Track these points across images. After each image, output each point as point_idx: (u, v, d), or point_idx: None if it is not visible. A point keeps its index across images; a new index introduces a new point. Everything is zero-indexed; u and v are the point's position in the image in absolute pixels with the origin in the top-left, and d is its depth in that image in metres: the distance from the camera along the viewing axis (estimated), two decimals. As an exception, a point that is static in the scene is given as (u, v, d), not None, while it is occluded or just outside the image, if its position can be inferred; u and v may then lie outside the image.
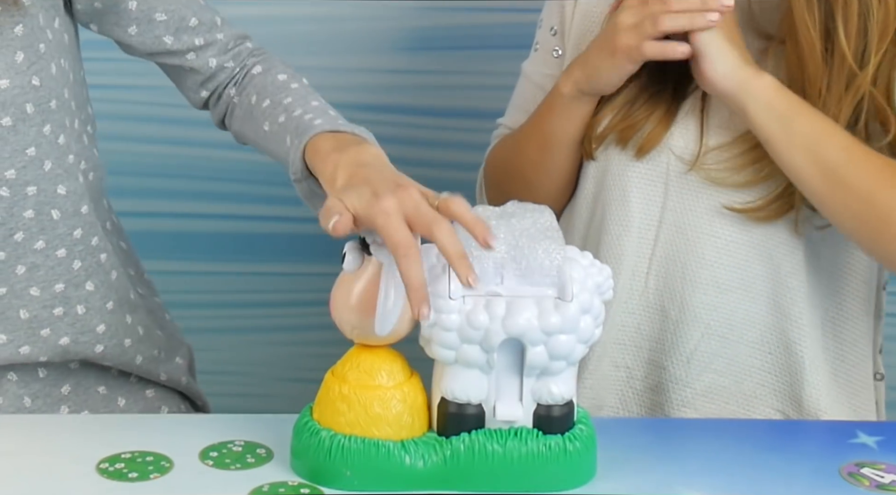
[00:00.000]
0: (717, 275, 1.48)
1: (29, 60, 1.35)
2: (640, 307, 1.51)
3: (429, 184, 2.03)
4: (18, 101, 1.35)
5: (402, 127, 1.98)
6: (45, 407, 1.44)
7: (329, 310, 1.22)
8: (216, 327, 1.64)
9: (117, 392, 1.50)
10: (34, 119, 1.36)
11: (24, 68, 1.35)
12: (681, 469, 1.27)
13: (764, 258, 1.48)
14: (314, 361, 1.40)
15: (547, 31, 1.59)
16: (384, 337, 1.20)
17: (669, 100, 1.49)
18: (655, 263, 1.50)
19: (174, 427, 1.33)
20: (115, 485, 1.22)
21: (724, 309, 1.48)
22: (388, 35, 1.95)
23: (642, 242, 1.50)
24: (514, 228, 1.21)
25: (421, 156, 1.98)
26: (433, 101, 1.97)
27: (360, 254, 1.21)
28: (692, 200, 1.49)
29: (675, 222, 1.49)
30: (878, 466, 1.29)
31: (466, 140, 1.98)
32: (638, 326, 1.51)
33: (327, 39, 1.93)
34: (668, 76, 1.48)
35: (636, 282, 1.50)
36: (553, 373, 1.21)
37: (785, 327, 1.49)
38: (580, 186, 1.55)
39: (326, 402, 1.22)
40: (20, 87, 1.35)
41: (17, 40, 1.34)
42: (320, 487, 1.22)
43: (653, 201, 1.50)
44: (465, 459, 1.21)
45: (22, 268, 1.39)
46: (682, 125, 1.49)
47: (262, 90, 1.44)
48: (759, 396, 1.50)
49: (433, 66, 1.95)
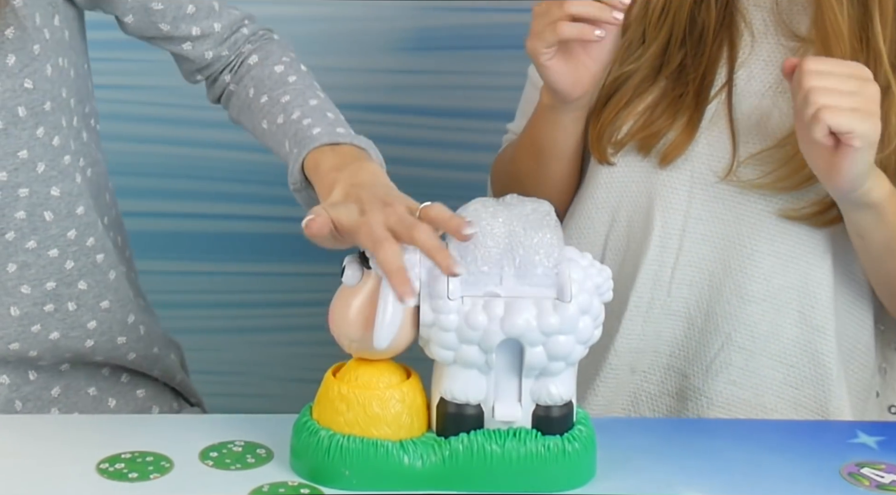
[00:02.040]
0: (741, 285, 1.46)
1: (21, 63, 1.35)
2: (662, 315, 1.48)
3: (429, 184, 2.04)
4: (9, 104, 1.35)
5: (402, 127, 1.98)
6: (35, 410, 1.44)
7: (328, 319, 1.22)
8: (215, 327, 1.64)
9: (108, 393, 1.49)
10: (26, 122, 1.36)
11: (16, 71, 1.35)
12: (681, 469, 1.27)
13: (791, 268, 1.46)
14: (314, 361, 1.40)
15: None
16: (383, 350, 1.20)
17: (692, 105, 1.46)
18: (679, 272, 1.47)
19: (174, 427, 1.33)
20: (115, 485, 1.22)
21: (747, 319, 1.46)
22: (388, 35, 1.95)
23: (665, 251, 1.47)
24: (512, 214, 1.21)
25: (421, 156, 1.98)
26: (433, 101, 1.97)
27: (359, 268, 1.21)
28: (719, 209, 1.46)
29: (699, 231, 1.47)
30: (878, 466, 1.29)
31: (466, 140, 1.98)
32: (658, 333, 1.49)
33: (327, 39, 1.93)
34: (689, 79, 1.46)
35: (658, 292, 1.48)
36: (552, 374, 1.21)
37: (812, 339, 1.46)
38: (590, 193, 1.52)
39: (326, 402, 1.22)
40: (11, 91, 1.35)
41: (7, 43, 1.34)
42: (320, 487, 1.22)
43: (676, 209, 1.47)
44: (464, 459, 1.21)
45: (13, 267, 1.39)
46: (708, 132, 1.47)
47: (260, 84, 1.44)
48: (779, 409, 1.48)
49: (433, 66, 1.95)
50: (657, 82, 1.46)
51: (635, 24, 1.47)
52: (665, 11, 1.46)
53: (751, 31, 1.46)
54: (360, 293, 1.21)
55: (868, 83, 1.34)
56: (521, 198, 1.25)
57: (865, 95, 1.33)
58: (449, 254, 1.18)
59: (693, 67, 1.44)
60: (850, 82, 1.33)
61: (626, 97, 1.47)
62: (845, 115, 1.32)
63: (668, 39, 1.46)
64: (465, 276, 1.19)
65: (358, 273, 1.21)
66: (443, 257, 1.18)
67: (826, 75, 1.33)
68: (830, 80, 1.33)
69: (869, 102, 1.33)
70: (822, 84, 1.33)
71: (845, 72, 1.34)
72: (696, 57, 1.46)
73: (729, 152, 1.46)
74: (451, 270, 1.18)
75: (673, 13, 1.45)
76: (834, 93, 1.32)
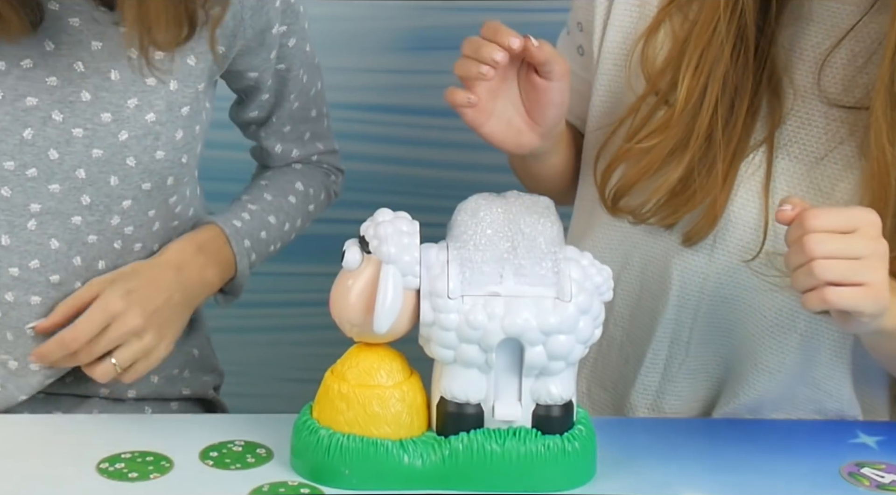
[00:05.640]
0: (756, 355, 1.40)
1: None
2: (680, 374, 1.45)
3: (429, 185, 2.04)
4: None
5: (402, 127, 1.97)
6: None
7: (329, 309, 1.22)
8: (215, 327, 1.64)
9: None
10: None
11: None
12: (681, 469, 1.27)
13: (807, 345, 1.40)
14: (314, 361, 1.39)
15: (575, 22, 1.50)
16: (383, 334, 1.20)
17: (721, 182, 1.35)
18: (697, 332, 1.43)
19: (174, 427, 1.33)
20: (115, 485, 1.22)
21: (759, 387, 1.41)
22: (388, 35, 1.95)
23: (682, 311, 1.42)
24: (511, 205, 1.22)
25: (421, 156, 1.98)
26: (433, 101, 1.96)
27: (359, 253, 1.21)
28: (738, 276, 1.39)
29: (718, 293, 1.40)
30: (878, 466, 1.29)
31: (466, 140, 1.97)
32: (679, 392, 1.46)
33: (327, 39, 1.92)
34: (717, 153, 1.35)
35: (677, 350, 1.44)
36: (552, 374, 1.21)
37: (823, 399, 1.42)
38: (601, 233, 1.46)
39: (326, 401, 1.22)
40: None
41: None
42: (319, 486, 1.22)
43: (695, 272, 1.41)
44: (464, 459, 1.21)
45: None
46: (735, 217, 1.38)
47: (273, 179, 1.58)
48: None
49: (433, 66, 1.95)
50: (684, 155, 1.35)
51: (657, 80, 1.38)
52: (699, 70, 1.34)
53: (794, 90, 1.36)
54: (360, 277, 1.21)
55: (875, 242, 1.19)
56: (521, 193, 1.25)
57: (873, 260, 1.19)
58: None
59: (725, 139, 1.34)
60: (856, 244, 1.18)
61: (650, 171, 1.37)
62: (852, 294, 1.18)
63: (700, 104, 1.35)
64: (465, 275, 1.19)
65: (358, 257, 1.21)
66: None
67: (829, 239, 1.18)
68: (835, 244, 1.18)
69: (877, 269, 1.19)
70: (826, 250, 1.17)
71: (850, 226, 1.19)
72: (729, 124, 1.35)
73: (760, 231, 1.37)
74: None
75: (708, 72, 1.34)
76: (840, 264, 1.17)
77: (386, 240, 1.20)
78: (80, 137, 1.37)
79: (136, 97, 1.38)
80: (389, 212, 1.23)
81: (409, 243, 1.20)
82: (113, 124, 1.38)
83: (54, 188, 1.38)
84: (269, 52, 1.48)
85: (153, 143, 1.40)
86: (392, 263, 1.19)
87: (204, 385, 1.57)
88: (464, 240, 1.21)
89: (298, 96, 1.55)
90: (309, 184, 1.58)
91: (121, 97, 1.38)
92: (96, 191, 1.39)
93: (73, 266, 1.39)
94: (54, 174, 1.37)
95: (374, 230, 1.21)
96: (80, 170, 1.38)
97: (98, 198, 1.39)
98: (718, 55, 1.33)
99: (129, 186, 1.40)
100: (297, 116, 1.57)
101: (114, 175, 1.39)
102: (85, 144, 1.37)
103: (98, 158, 1.38)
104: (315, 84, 1.57)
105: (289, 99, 1.54)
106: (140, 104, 1.39)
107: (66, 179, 1.38)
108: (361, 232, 1.22)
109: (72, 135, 1.37)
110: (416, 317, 1.21)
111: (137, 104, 1.39)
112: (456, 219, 1.23)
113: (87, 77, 1.37)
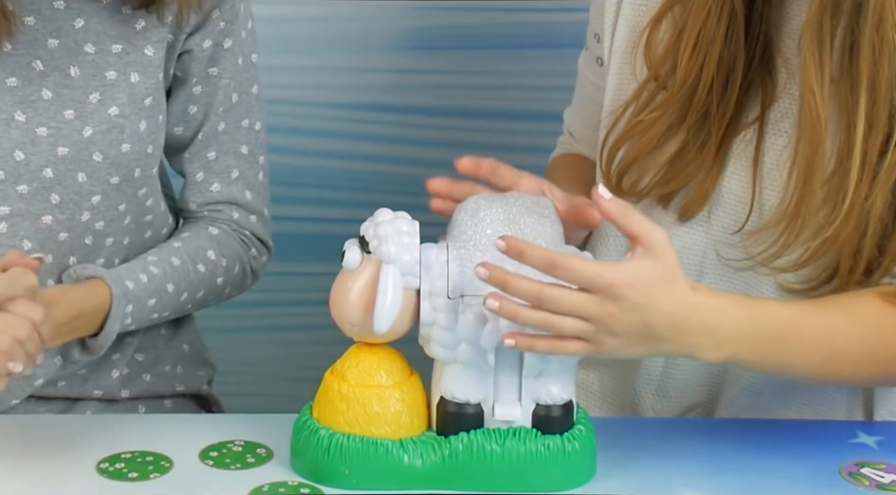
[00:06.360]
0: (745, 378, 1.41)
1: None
2: (687, 375, 1.45)
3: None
4: None
5: (402, 127, 1.97)
6: None
7: (328, 309, 1.22)
8: (216, 327, 1.64)
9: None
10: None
11: None
12: (681, 469, 1.27)
13: None
14: (314, 361, 1.39)
15: (592, 35, 1.51)
16: (383, 334, 1.20)
17: (714, 155, 1.38)
18: None
19: (174, 427, 1.33)
20: (115, 485, 1.22)
21: (756, 409, 1.42)
22: (388, 35, 1.95)
23: None
24: (511, 205, 1.22)
25: (421, 156, 1.98)
26: (433, 101, 1.97)
27: (359, 252, 1.21)
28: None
29: (716, 271, 1.40)
30: (878, 466, 1.29)
31: (467, 140, 1.98)
32: (682, 376, 1.45)
33: (327, 39, 1.92)
34: (713, 126, 1.37)
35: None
36: (552, 374, 1.21)
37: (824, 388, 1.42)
38: (603, 234, 1.46)
39: (326, 401, 1.22)
40: None
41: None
42: (319, 486, 1.22)
43: (693, 250, 1.40)
44: (464, 459, 1.21)
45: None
46: (726, 192, 1.39)
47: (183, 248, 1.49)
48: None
49: (433, 66, 1.95)
50: (680, 131, 1.38)
51: (658, 66, 1.40)
52: (696, 51, 1.36)
53: (787, 69, 1.38)
54: (360, 277, 1.21)
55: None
56: (521, 194, 1.25)
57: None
58: None
59: (718, 115, 1.36)
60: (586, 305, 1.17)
61: (649, 147, 1.39)
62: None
63: (697, 83, 1.37)
64: (465, 276, 1.19)
65: (358, 257, 1.21)
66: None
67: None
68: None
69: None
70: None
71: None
72: (723, 102, 1.37)
73: (747, 205, 1.39)
74: None
75: (704, 52, 1.36)
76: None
77: (386, 240, 1.20)
78: (45, 136, 1.37)
79: (97, 92, 1.38)
80: (389, 212, 1.23)
81: (409, 243, 1.20)
82: (77, 121, 1.38)
83: (22, 189, 1.37)
84: (204, 39, 1.44)
85: (118, 137, 1.39)
86: (392, 263, 1.19)
87: (197, 380, 1.56)
88: (464, 240, 1.21)
89: (225, 116, 1.48)
90: (222, 254, 1.49)
91: (82, 93, 1.38)
92: (65, 189, 1.39)
93: (45, 264, 1.37)
94: (21, 175, 1.37)
95: (374, 230, 1.21)
96: (48, 169, 1.37)
97: (67, 195, 1.39)
98: (714, 35, 1.36)
99: (97, 182, 1.40)
100: (224, 143, 1.49)
101: (81, 171, 1.39)
102: (50, 143, 1.37)
103: (64, 156, 1.38)
104: (248, 115, 1.49)
105: (217, 112, 1.47)
106: (102, 99, 1.39)
107: (34, 179, 1.37)
108: (361, 232, 1.22)
109: (36, 134, 1.37)
110: (416, 317, 1.21)
111: (100, 99, 1.38)
112: (456, 219, 1.23)
113: (47, 75, 1.37)
